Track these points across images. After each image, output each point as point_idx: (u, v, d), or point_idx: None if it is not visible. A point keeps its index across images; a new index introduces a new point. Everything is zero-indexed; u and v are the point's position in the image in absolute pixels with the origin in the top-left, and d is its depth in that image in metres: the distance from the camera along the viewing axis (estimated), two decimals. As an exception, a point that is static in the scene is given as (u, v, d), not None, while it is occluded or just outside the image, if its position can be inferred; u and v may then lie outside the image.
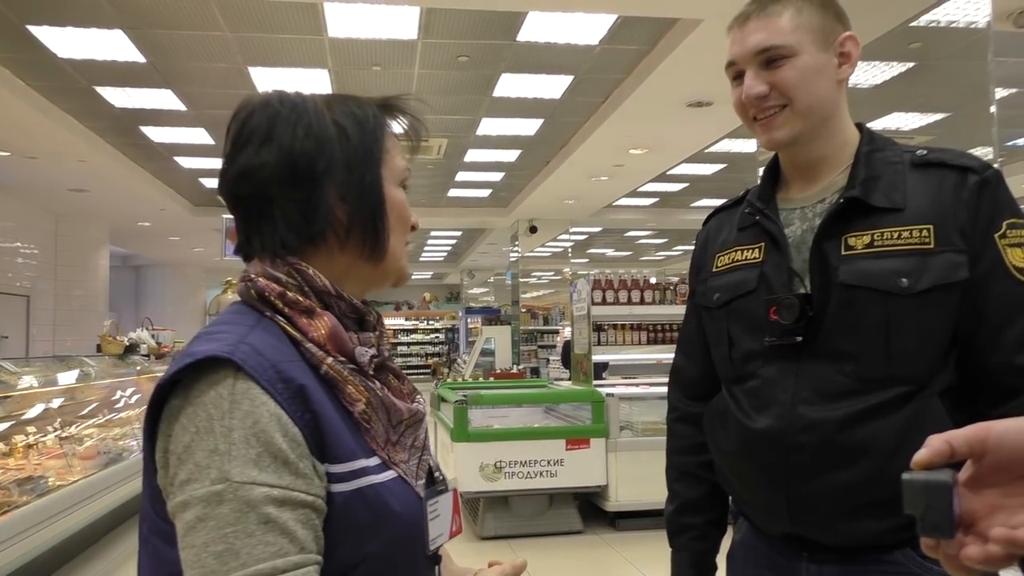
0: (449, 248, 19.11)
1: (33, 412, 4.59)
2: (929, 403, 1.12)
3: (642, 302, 5.93)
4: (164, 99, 7.29)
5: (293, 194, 0.90)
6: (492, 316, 16.82)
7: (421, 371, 21.31)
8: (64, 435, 4.73)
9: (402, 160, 0.98)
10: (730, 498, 1.40)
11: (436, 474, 0.98)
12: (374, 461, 0.86)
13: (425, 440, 0.97)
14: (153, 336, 7.30)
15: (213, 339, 0.82)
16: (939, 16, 5.08)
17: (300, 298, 0.88)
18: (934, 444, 0.62)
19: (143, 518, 0.85)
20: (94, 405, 5.39)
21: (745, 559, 1.35)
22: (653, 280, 6.06)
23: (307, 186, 0.90)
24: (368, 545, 0.83)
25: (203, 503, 0.74)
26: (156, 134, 8.44)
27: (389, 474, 0.87)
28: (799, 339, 1.18)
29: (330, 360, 0.86)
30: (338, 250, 0.93)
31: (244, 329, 0.84)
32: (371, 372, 0.90)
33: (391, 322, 22.58)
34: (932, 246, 1.12)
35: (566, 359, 8.82)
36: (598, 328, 5.99)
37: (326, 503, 0.80)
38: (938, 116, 7.74)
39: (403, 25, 5.69)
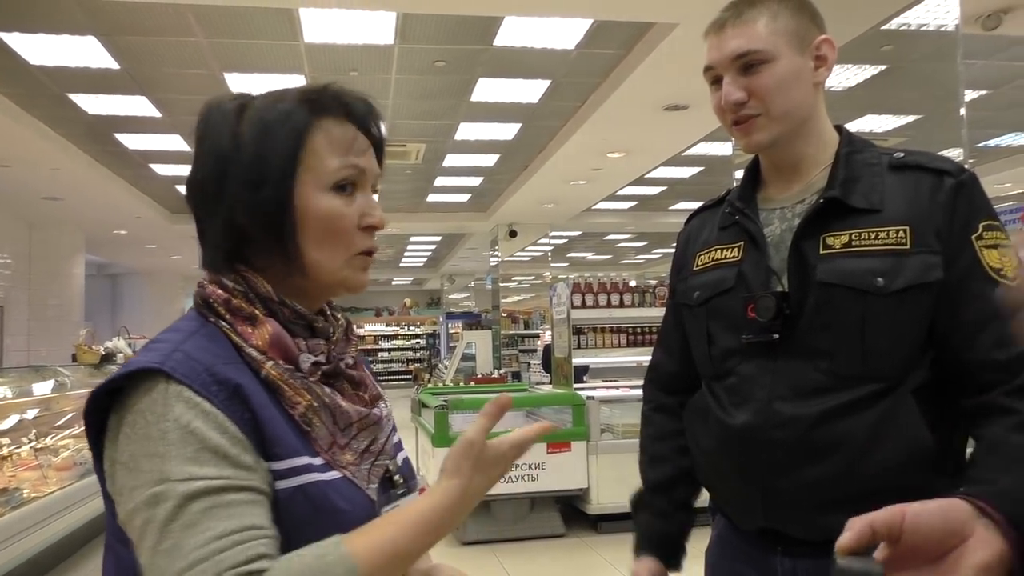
0: (429, 253, 19.08)
1: (7, 423, 4.53)
2: (903, 400, 1.14)
3: (621, 305, 5.95)
4: (139, 106, 7.23)
5: (207, 214, 0.90)
6: (473, 321, 16.84)
7: (402, 377, 21.27)
8: (39, 446, 4.67)
9: (334, 160, 0.90)
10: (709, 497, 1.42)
11: (396, 478, 0.95)
12: (319, 461, 0.86)
13: (385, 445, 0.96)
14: (130, 345, 7.22)
15: (152, 349, 0.84)
16: (910, 19, 5.15)
17: (244, 305, 0.88)
18: (858, 527, 0.64)
19: (106, 524, 0.87)
20: (70, 415, 5.32)
21: (721, 554, 1.37)
22: (632, 283, 6.09)
23: (213, 205, 0.89)
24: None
25: (146, 506, 0.75)
26: (131, 141, 8.37)
27: (334, 474, 0.87)
28: (776, 337, 1.20)
29: (269, 364, 0.86)
30: (260, 265, 0.91)
31: (183, 336, 0.86)
32: (313, 379, 0.89)
33: (371, 328, 22.52)
34: (908, 247, 1.14)
35: (547, 363, 8.83)
36: (578, 331, 6.01)
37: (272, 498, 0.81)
38: (910, 118, 7.85)
39: (380, 30, 5.69)
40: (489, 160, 9.75)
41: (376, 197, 0.99)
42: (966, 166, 1.21)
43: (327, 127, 0.91)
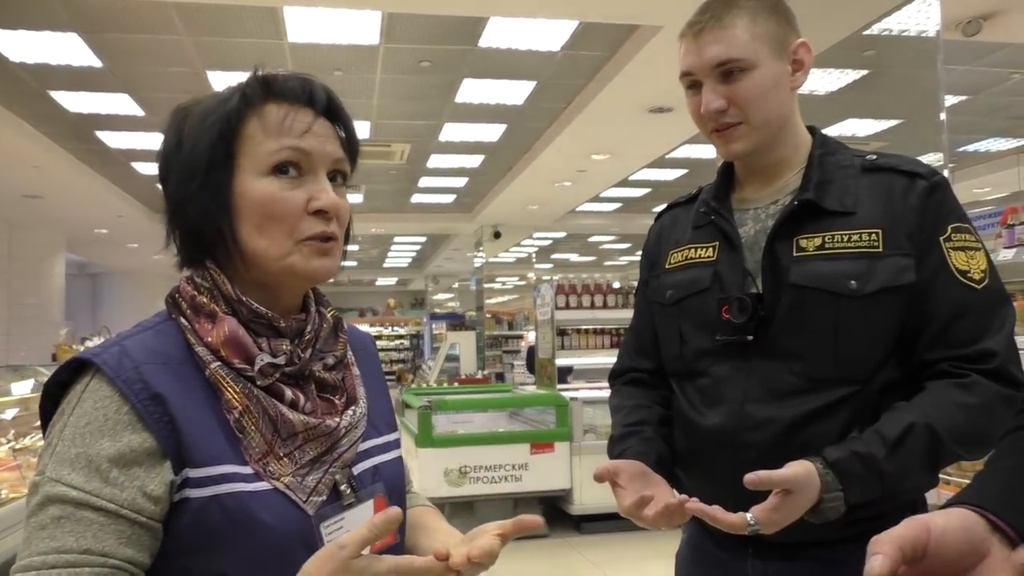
0: (413, 254, 19.03)
1: (-15, 423, 4.48)
2: (871, 400, 1.15)
3: (605, 306, 5.97)
4: (121, 104, 7.17)
5: (167, 214, 0.92)
6: (457, 322, 16.79)
7: (386, 377, 21.17)
8: (18, 447, 4.61)
9: (270, 143, 0.88)
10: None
11: (343, 488, 0.90)
12: (247, 470, 0.83)
13: (344, 454, 0.91)
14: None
15: (102, 343, 0.86)
16: (891, 25, 5.21)
17: (207, 302, 0.88)
18: (888, 551, 0.60)
19: None
20: (49, 416, 5.27)
21: (692, 557, 1.36)
22: (616, 285, 6.11)
23: (168, 204, 0.91)
24: (230, 556, 0.80)
25: (28, 493, 0.79)
26: (113, 139, 8.29)
27: (263, 485, 0.83)
28: (750, 338, 1.20)
29: (215, 365, 0.85)
30: (222, 261, 0.90)
31: (135, 331, 0.88)
32: (268, 380, 0.86)
33: (355, 329, 22.41)
34: (880, 249, 1.15)
35: (531, 364, 8.84)
36: (562, 332, 6.02)
37: (182, 510, 0.80)
38: (892, 123, 7.93)
39: (364, 30, 5.67)
40: (474, 161, 9.74)
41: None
42: (946, 171, 1.22)
43: (265, 112, 0.89)
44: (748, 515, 1.02)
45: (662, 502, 1.10)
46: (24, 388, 4.88)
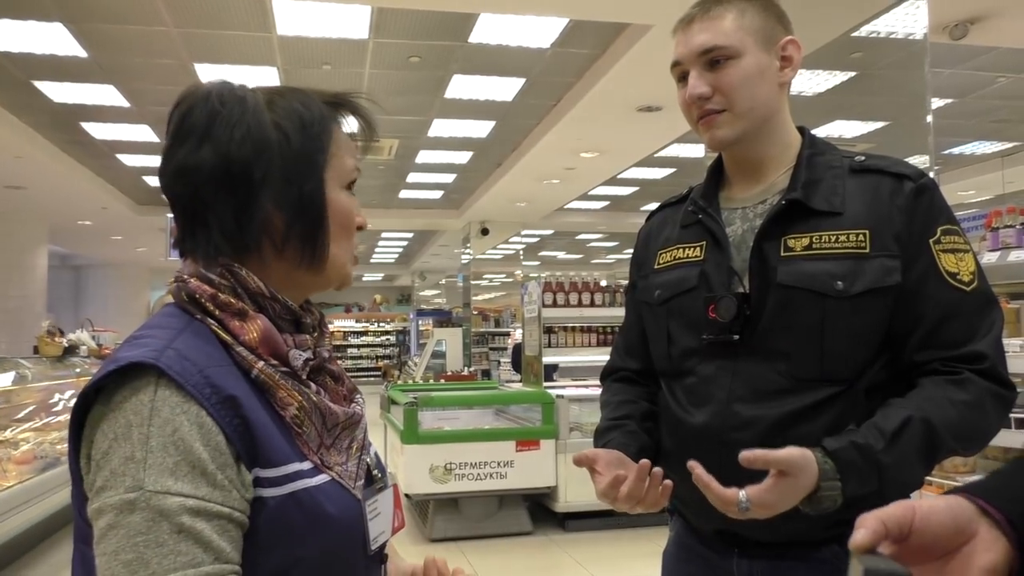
0: (400, 250, 18.99)
1: (-35, 416, 4.43)
2: (856, 401, 1.15)
3: (592, 304, 5.98)
4: (106, 95, 7.11)
5: (228, 200, 0.86)
6: (443, 318, 16.79)
7: (371, 373, 21.14)
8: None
9: (351, 160, 0.95)
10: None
11: (375, 472, 0.96)
12: (307, 465, 0.85)
13: (364, 440, 0.96)
14: (94, 338, 7.10)
15: (139, 344, 0.81)
16: (879, 27, 5.22)
17: (232, 300, 0.86)
18: (871, 525, 0.62)
19: (74, 526, 0.85)
20: (31, 408, 5.22)
21: (678, 556, 1.37)
22: (603, 283, 6.11)
23: (243, 193, 0.86)
24: (302, 549, 0.82)
25: (115, 511, 0.73)
26: (98, 130, 8.23)
27: (323, 478, 0.86)
28: (736, 337, 1.20)
29: (261, 364, 0.84)
30: (274, 257, 0.90)
31: (172, 333, 0.83)
32: (304, 376, 0.88)
33: (341, 324, 22.36)
34: (867, 251, 1.15)
35: (517, 361, 8.83)
36: (548, 330, 6.03)
37: (256, 509, 0.80)
38: (878, 124, 7.96)
39: (354, 24, 5.65)
40: (462, 157, 9.73)
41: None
42: (932, 173, 1.23)
43: (340, 129, 0.95)
44: (741, 493, 1.02)
45: (633, 476, 1.11)
46: (5, 380, 4.84)
